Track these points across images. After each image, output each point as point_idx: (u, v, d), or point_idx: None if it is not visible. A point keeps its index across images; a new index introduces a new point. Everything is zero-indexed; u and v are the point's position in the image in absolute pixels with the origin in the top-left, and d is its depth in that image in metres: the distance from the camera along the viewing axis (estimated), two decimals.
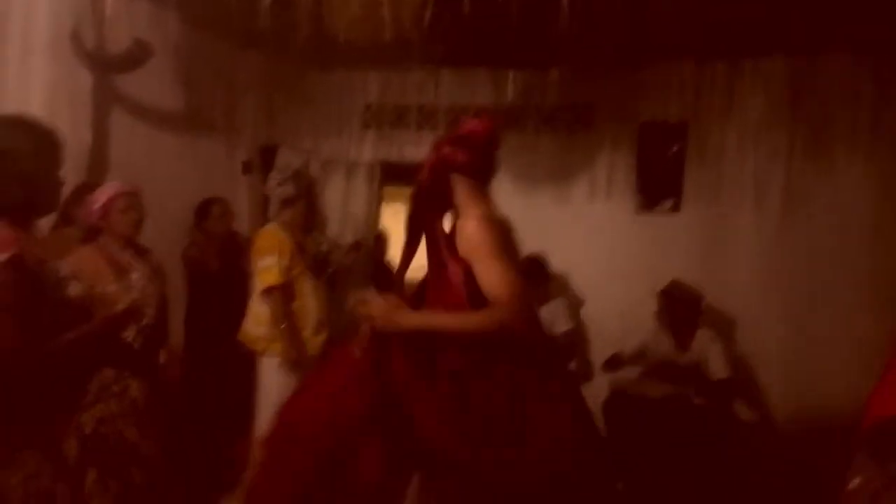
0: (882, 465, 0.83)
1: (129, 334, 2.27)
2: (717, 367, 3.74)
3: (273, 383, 3.16)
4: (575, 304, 4.40)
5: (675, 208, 4.32)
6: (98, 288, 2.22)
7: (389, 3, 2.28)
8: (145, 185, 2.99)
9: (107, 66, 3.58)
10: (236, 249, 3.98)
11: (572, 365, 4.12)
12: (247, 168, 4.74)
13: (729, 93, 4.19)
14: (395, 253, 5.55)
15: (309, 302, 3.28)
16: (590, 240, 4.41)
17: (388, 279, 5.21)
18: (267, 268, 3.16)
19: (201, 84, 4.27)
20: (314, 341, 3.26)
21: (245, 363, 3.29)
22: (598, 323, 4.39)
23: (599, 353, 4.23)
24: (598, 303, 4.36)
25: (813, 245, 3.97)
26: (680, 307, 3.86)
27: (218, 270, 3.89)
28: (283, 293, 3.16)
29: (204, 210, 4.00)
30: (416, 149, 5.00)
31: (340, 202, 5.06)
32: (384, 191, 5.31)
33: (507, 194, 4.60)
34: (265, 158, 4.77)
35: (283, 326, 3.13)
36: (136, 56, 3.55)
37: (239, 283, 3.61)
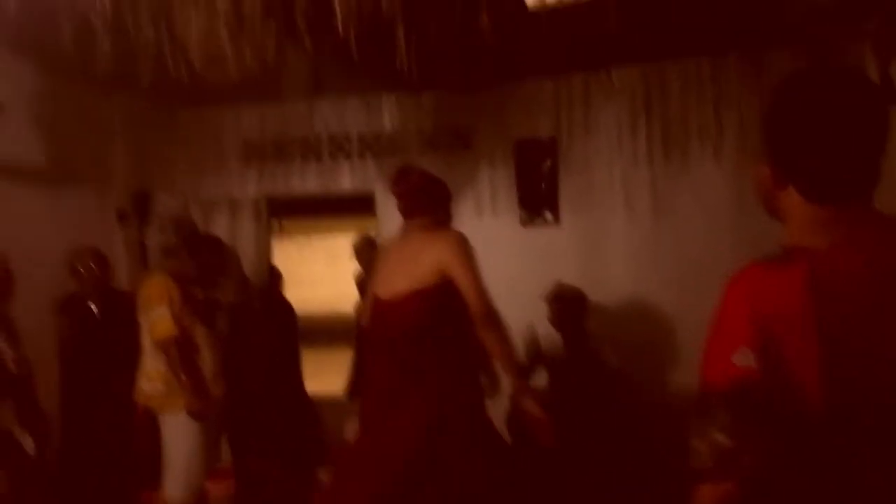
0: (705, 433, 0.96)
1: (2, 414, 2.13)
2: (609, 359, 3.96)
3: (179, 440, 3.07)
4: None
5: (556, 219, 4.53)
6: None
7: (230, 42, 2.29)
8: (11, 247, 2.84)
9: None
10: (116, 304, 3.80)
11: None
12: (122, 217, 4.56)
13: (587, 105, 4.43)
14: (291, 287, 5.50)
15: (204, 352, 3.21)
16: (482, 254, 4.52)
17: (285, 314, 5.16)
18: (159, 318, 3.06)
19: (64, 133, 4.09)
20: (213, 391, 3.21)
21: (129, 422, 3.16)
22: None
23: None
24: None
25: (679, 240, 4.25)
26: (566, 306, 4.05)
27: (98, 327, 3.70)
28: (179, 343, 3.06)
29: (76, 263, 3.71)
30: (302, 181, 5.00)
31: (227, 241, 4.95)
32: (284, 225, 5.25)
33: (397, 215, 4.71)
34: (139, 205, 4.61)
35: (183, 378, 3.03)
36: None
37: (123, 340, 3.46)
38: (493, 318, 2.47)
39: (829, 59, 3.54)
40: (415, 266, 2.49)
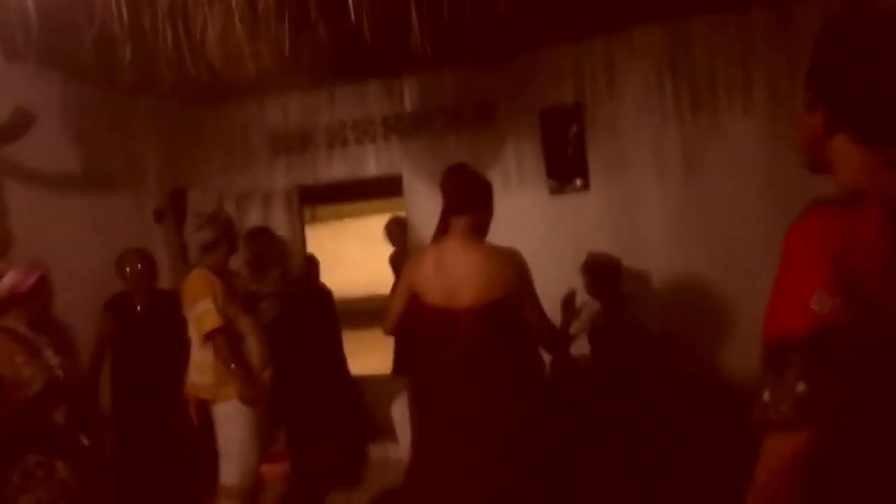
0: (781, 384, 0.93)
1: (55, 415, 2.23)
2: (650, 326, 3.93)
3: (232, 428, 3.15)
4: None
5: (585, 186, 4.47)
6: (9, 371, 2.17)
7: (247, 39, 2.30)
8: (52, 254, 2.93)
9: None
10: (161, 303, 3.91)
11: None
12: (159, 216, 4.67)
13: (611, 68, 4.34)
14: (328, 271, 5.58)
15: (251, 340, 3.27)
16: (511, 228, 4.48)
17: (324, 299, 5.25)
18: (205, 312, 3.12)
19: (95, 140, 4.18)
20: (262, 377, 3.27)
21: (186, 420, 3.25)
22: None
23: None
24: None
25: (712, 199, 4.16)
26: (602, 274, 4.03)
27: (143, 324, 3.80)
28: (226, 334, 3.14)
29: (123, 264, 3.82)
30: (330, 168, 5.05)
31: None
32: (317, 212, 5.31)
33: (423, 196, 4.74)
34: (176, 203, 4.70)
35: (233, 366, 3.10)
36: (18, 125, 3.46)
37: (169, 337, 3.56)
38: (556, 341, 2.74)
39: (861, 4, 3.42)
40: (483, 278, 2.54)
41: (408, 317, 2.70)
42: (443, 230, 2.74)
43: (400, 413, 4.16)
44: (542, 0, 3.13)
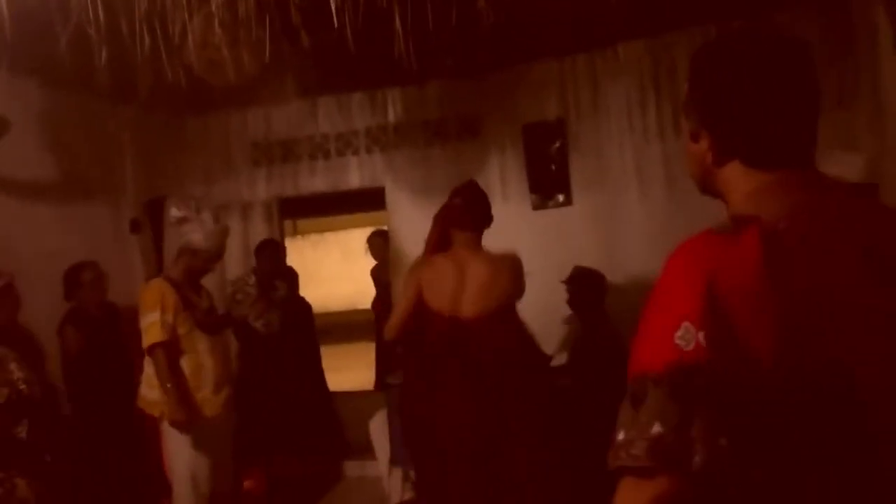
0: (636, 423, 0.84)
1: (17, 430, 2.15)
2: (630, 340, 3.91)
3: (177, 448, 3.05)
4: None
5: (568, 201, 4.48)
6: None
7: (227, 45, 2.28)
8: (26, 263, 2.85)
9: None
10: (114, 318, 3.78)
11: None
12: (135, 226, 4.59)
13: (594, 84, 4.37)
14: (308, 286, 5.52)
15: (205, 360, 3.14)
16: (495, 242, 4.49)
17: (303, 313, 5.18)
18: (150, 325, 3.02)
19: (72, 148, 4.11)
20: (214, 401, 3.15)
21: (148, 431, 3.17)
22: None
23: None
24: None
25: (693, 214, 4.15)
26: (585, 289, 4.02)
27: (99, 342, 3.63)
28: (166, 351, 3.02)
29: (74, 278, 3.65)
30: (312, 180, 5.00)
31: (240, 244, 4.97)
32: (297, 225, 5.28)
33: (407, 209, 4.72)
34: (153, 213, 4.64)
35: (168, 386, 2.98)
36: None
37: (125, 350, 3.47)
38: None
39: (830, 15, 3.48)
40: (495, 286, 2.71)
41: (412, 322, 2.78)
42: (444, 242, 2.82)
43: (379, 431, 4.10)
44: (526, 15, 3.13)
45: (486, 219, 2.92)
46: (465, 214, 2.84)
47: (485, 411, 2.59)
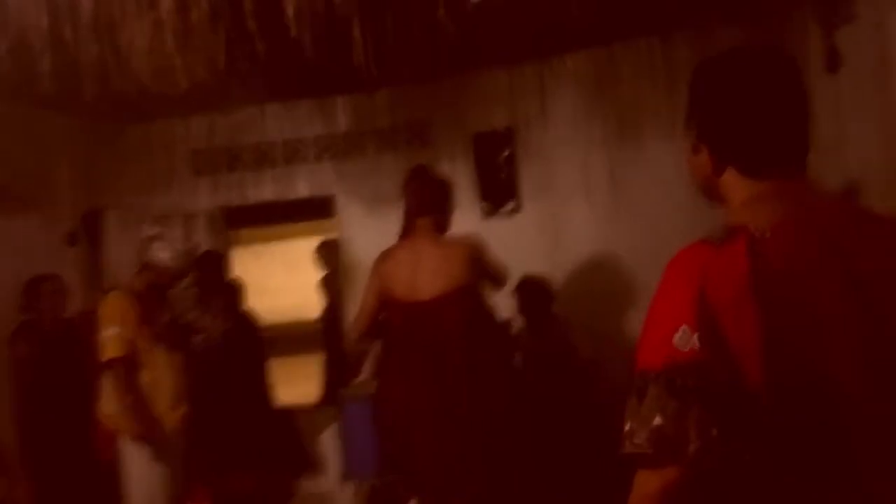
0: (640, 415, 0.95)
1: None
2: (581, 350, 3.99)
3: (135, 464, 3.00)
4: None
5: (517, 209, 4.54)
6: None
7: (178, 52, 2.22)
8: None
9: None
10: (71, 333, 3.66)
11: None
12: (72, 239, 4.40)
13: (542, 93, 4.44)
14: (253, 297, 5.39)
15: (164, 375, 3.11)
16: None
17: (249, 327, 5.06)
18: (109, 338, 2.98)
19: (5, 155, 3.91)
20: (171, 416, 3.12)
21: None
22: None
23: None
24: None
25: (638, 221, 4.29)
26: (532, 296, 4.09)
27: (55, 359, 3.55)
28: (125, 365, 2.99)
29: (33, 290, 3.61)
30: (257, 189, 4.90)
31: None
32: (239, 235, 5.17)
33: (360, 217, 4.68)
34: (90, 225, 4.46)
35: (126, 400, 2.95)
36: None
37: (82, 365, 3.34)
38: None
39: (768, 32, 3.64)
40: (450, 265, 2.71)
41: (378, 314, 2.81)
42: (408, 231, 2.85)
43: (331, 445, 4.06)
44: (476, 24, 3.16)
45: (437, 202, 2.90)
46: (417, 199, 2.86)
47: (447, 391, 2.63)
